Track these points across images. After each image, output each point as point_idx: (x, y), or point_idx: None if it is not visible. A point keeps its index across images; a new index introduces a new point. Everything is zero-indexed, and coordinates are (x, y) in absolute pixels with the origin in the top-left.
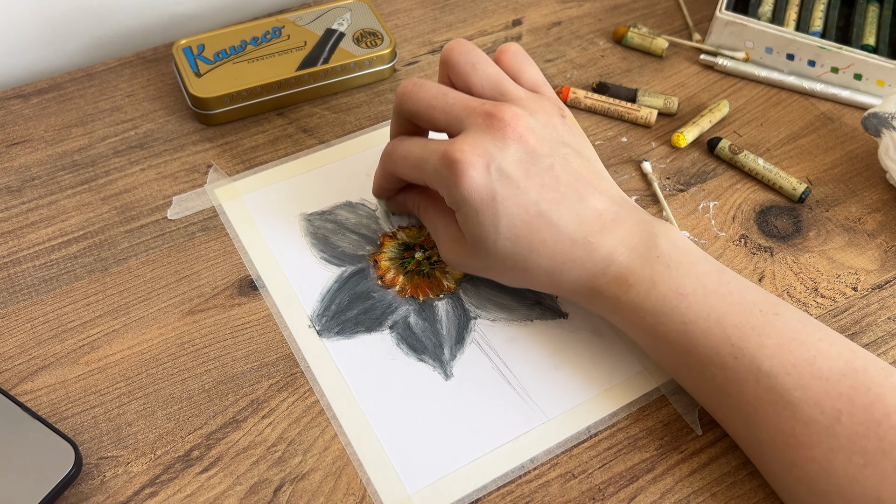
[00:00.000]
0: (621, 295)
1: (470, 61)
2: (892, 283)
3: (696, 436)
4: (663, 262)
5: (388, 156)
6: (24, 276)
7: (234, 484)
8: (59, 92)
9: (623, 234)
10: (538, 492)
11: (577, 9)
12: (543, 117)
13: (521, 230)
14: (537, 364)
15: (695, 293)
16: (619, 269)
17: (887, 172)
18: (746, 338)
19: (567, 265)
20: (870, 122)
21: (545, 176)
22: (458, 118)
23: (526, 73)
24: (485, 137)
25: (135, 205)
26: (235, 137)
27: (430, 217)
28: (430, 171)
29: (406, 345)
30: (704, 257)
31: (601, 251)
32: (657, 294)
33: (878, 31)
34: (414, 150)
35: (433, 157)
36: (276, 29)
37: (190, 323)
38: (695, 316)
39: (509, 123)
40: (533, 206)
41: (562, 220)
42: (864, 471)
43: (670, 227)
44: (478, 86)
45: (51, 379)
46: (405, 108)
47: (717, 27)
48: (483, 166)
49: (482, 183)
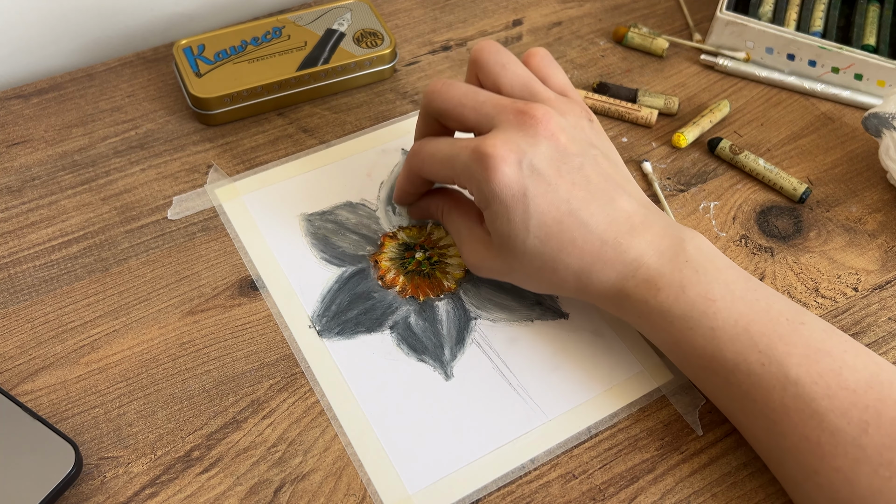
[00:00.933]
0: (650, 299)
1: (500, 61)
2: (892, 284)
3: (697, 436)
4: (692, 267)
5: (414, 155)
6: (24, 276)
7: (235, 484)
8: (59, 92)
9: (651, 238)
10: (538, 492)
11: (577, 9)
12: (573, 118)
13: (551, 228)
14: (538, 364)
15: (723, 299)
16: (648, 272)
17: (888, 173)
18: (773, 346)
19: (597, 266)
20: (870, 123)
21: (576, 175)
22: (488, 116)
23: (554, 78)
24: (517, 134)
25: (135, 205)
26: (236, 137)
27: (454, 220)
28: (459, 168)
29: (406, 345)
30: (731, 264)
31: (631, 253)
32: (686, 299)
33: (878, 31)
34: (443, 147)
35: (464, 153)
36: (277, 29)
37: (190, 323)
38: (723, 322)
39: (541, 121)
40: (564, 205)
41: (592, 219)
42: (889, 483)
43: (697, 233)
44: (507, 86)
45: (51, 379)
46: (434, 106)
47: (717, 27)
48: (515, 162)
49: (514, 179)
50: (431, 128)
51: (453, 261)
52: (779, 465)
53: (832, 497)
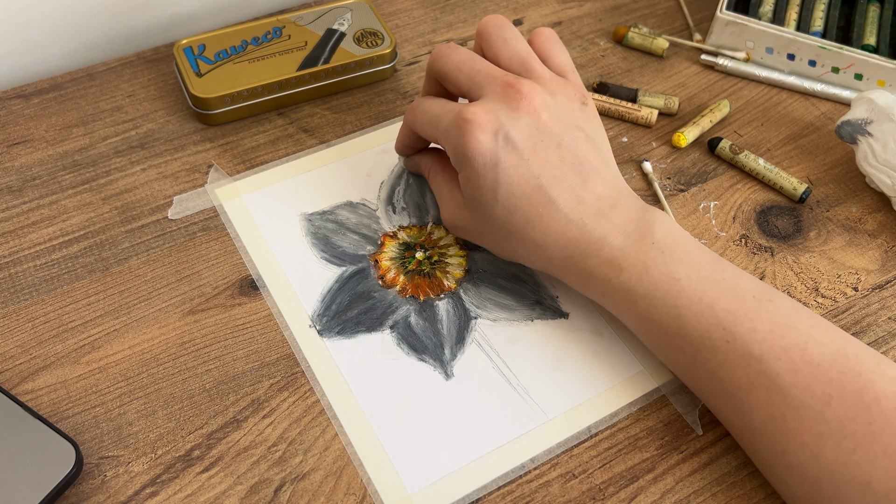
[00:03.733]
0: (613, 278)
1: (503, 36)
2: (892, 283)
3: (697, 436)
4: (658, 249)
5: (411, 111)
6: (24, 275)
7: (235, 484)
8: (59, 92)
9: (619, 220)
10: (538, 492)
11: (577, 9)
12: (562, 99)
13: (518, 200)
14: (538, 364)
15: (688, 278)
16: (611, 252)
17: (866, 177)
18: (738, 322)
19: (560, 243)
20: (844, 131)
21: (551, 153)
22: (479, 84)
23: (555, 57)
24: (499, 105)
25: (136, 205)
26: (236, 137)
27: (438, 180)
28: (442, 129)
29: (406, 345)
30: (699, 247)
31: (595, 233)
32: (650, 278)
33: (878, 31)
34: (434, 107)
35: (448, 116)
36: (277, 29)
37: (191, 323)
38: (687, 300)
39: (525, 96)
40: (533, 180)
41: (560, 198)
42: (853, 455)
43: (667, 216)
44: (505, 59)
45: (52, 378)
46: (436, 67)
47: (717, 27)
48: (491, 131)
49: (487, 147)
50: (434, 88)
51: (453, 260)
52: (752, 448)
53: (801, 475)
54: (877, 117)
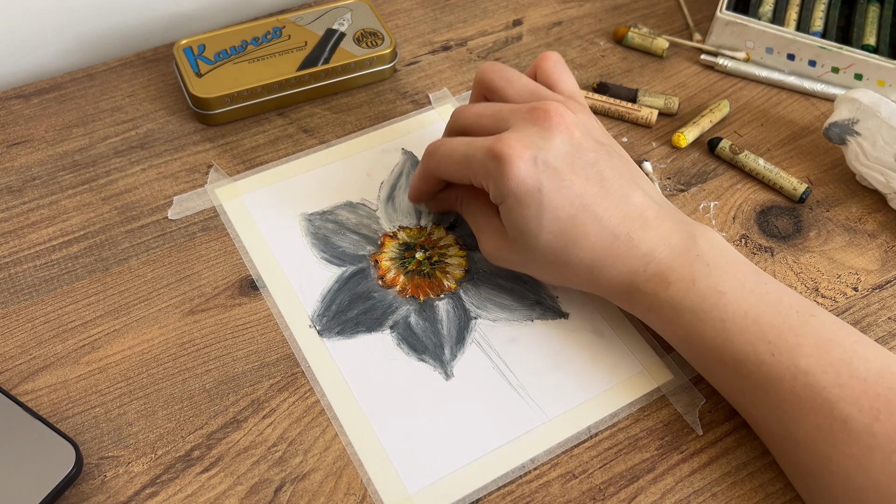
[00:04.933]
0: (660, 292)
1: (505, 77)
2: (892, 283)
3: (697, 436)
4: (702, 261)
5: (430, 156)
6: (24, 275)
7: (235, 484)
8: (59, 92)
9: (664, 233)
10: (539, 492)
11: (577, 9)
12: (584, 117)
13: (564, 223)
14: (538, 364)
15: (733, 291)
16: (658, 267)
17: (857, 175)
18: (783, 336)
19: (608, 261)
20: (832, 132)
21: (590, 170)
22: (504, 119)
23: (562, 83)
24: (531, 129)
25: (135, 205)
26: (236, 137)
27: (473, 211)
28: (476, 167)
29: (406, 345)
30: (742, 259)
31: (642, 248)
32: (696, 292)
33: (878, 31)
34: (458, 148)
35: (479, 153)
36: (277, 29)
37: (190, 323)
38: (733, 314)
39: (554, 115)
40: (578, 199)
41: (605, 214)
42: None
43: (709, 228)
44: (514, 97)
45: (51, 379)
46: (457, 122)
47: (717, 27)
48: (530, 158)
49: (528, 174)
50: None
51: (453, 260)
52: (792, 457)
53: (846, 484)
54: (862, 116)
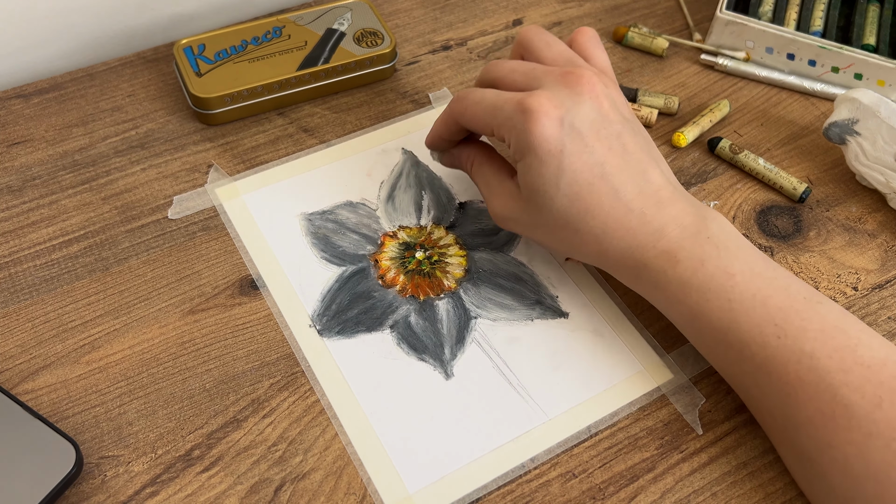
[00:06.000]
0: (668, 269)
1: (545, 40)
2: (892, 283)
3: (697, 435)
4: (713, 244)
5: (458, 101)
6: (24, 275)
7: (235, 483)
8: (59, 92)
9: (676, 212)
10: (538, 491)
11: (577, 9)
12: (614, 92)
13: (581, 189)
14: (538, 364)
15: (742, 274)
16: (669, 244)
17: (857, 175)
18: (790, 320)
19: (619, 233)
20: (832, 132)
21: (613, 141)
22: (536, 78)
23: (597, 57)
24: (562, 91)
25: (136, 204)
26: (236, 137)
27: (485, 172)
28: (502, 118)
29: (406, 344)
30: (752, 246)
31: (654, 224)
32: (705, 272)
33: (878, 30)
34: (488, 96)
35: (508, 105)
36: (277, 29)
37: (191, 322)
38: (740, 295)
39: (587, 82)
40: (597, 168)
41: (622, 186)
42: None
43: (720, 214)
44: (550, 60)
45: (52, 378)
46: (489, 75)
47: (717, 27)
48: (557, 118)
49: (553, 134)
50: None
51: (453, 260)
52: (792, 441)
53: (845, 470)
54: (862, 116)
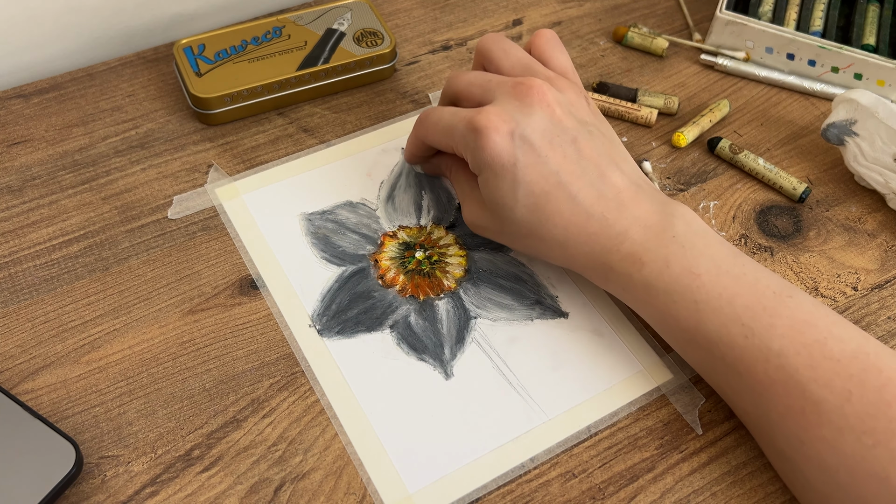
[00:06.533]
0: (634, 273)
1: (502, 48)
2: (892, 283)
3: (697, 435)
4: (678, 243)
5: (420, 123)
6: (24, 275)
7: (235, 483)
8: (59, 92)
9: (640, 213)
10: (538, 491)
11: (577, 9)
12: (571, 95)
13: (538, 199)
14: (537, 364)
15: (708, 273)
16: (632, 247)
17: (855, 175)
18: (757, 318)
19: (581, 238)
20: (830, 133)
21: (568, 148)
22: (490, 91)
23: (556, 59)
24: (512, 104)
25: (135, 204)
26: (236, 137)
27: (460, 179)
28: (457, 137)
29: (406, 344)
30: (720, 240)
31: (616, 227)
32: (670, 273)
33: (878, 30)
34: (445, 117)
35: (461, 124)
36: (277, 29)
37: (190, 322)
38: (706, 295)
39: (537, 91)
40: (553, 177)
41: (580, 193)
42: (873, 451)
43: (688, 209)
44: (508, 68)
45: (51, 378)
46: (450, 89)
47: (717, 27)
48: (507, 132)
49: (504, 148)
50: None
51: (453, 260)
52: (768, 438)
53: (819, 466)
54: (860, 116)
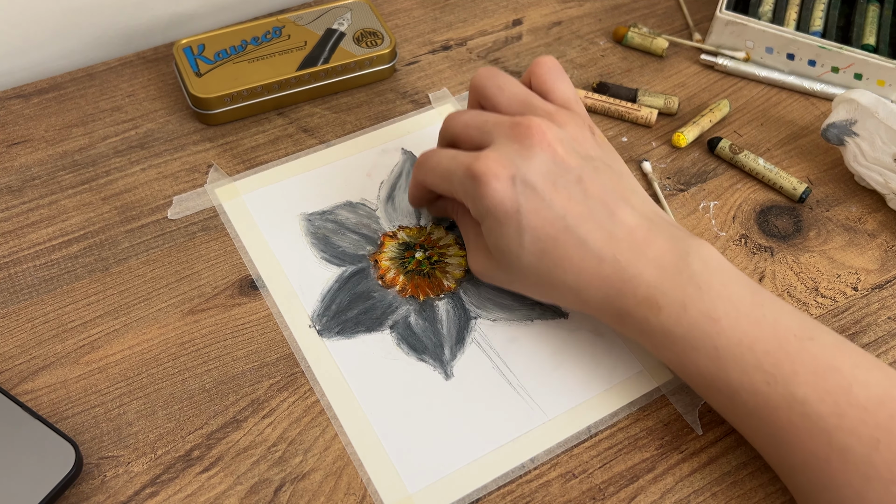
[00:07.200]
0: (651, 318)
1: (497, 84)
2: (892, 283)
3: (697, 435)
4: (695, 283)
5: (419, 166)
6: (24, 275)
7: (235, 484)
8: (59, 92)
9: (653, 254)
10: (538, 491)
11: (577, 9)
12: (573, 129)
13: (546, 244)
14: (537, 364)
15: (727, 317)
16: (648, 290)
17: (855, 176)
18: (779, 364)
19: (594, 283)
20: (830, 133)
21: (573, 188)
22: (488, 133)
23: (557, 91)
24: (511, 148)
25: (135, 204)
26: (236, 137)
27: (465, 225)
28: (456, 183)
29: (406, 345)
30: (738, 277)
31: (630, 270)
32: (688, 318)
33: (878, 30)
34: (443, 161)
35: (459, 170)
36: (277, 29)
37: (190, 323)
38: (727, 341)
39: (536, 132)
40: (559, 221)
41: (589, 236)
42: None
43: (704, 244)
44: (504, 105)
45: (51, 379)
46: (448, 132)
47: (717, 27)
48: (507, 178)
49: (506, 195)
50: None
51: (453, 260)
52: (789, 479)
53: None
54: (860, 117)
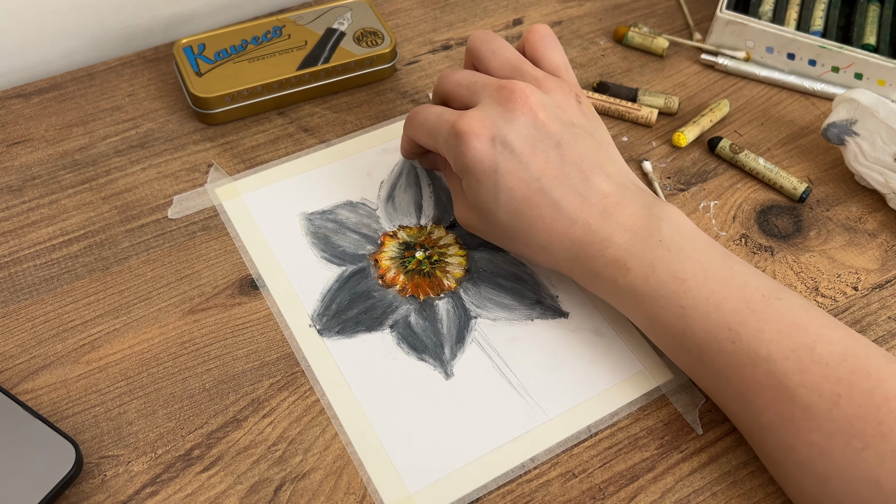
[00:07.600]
0: (619, 278)
1: (490, 48)
2: (892, 283)
3: (697, 435)
4: (664, 247)
5: (409, 122)
6: (24, 275)
7: (235, 483)
8: (59, 91)
9: (625, 218)
10: (538, 491)
11: (577, 8)
12: (558, 96)
13: (520, 205)
14: (538, 363)
15: (695, 277)
16: (617, 252)
17: (856, 175)
18: (745, 322)
19: (565, 244)
20: (831, 133)
21: (550, 153)
22: (476, 93)
23: (548, 57)
24: (495, 109)
25: (135, 204)
26: (236, 137)
27: (451, 177)
28: (441, 140)
29: (406, 344)
30: (709, 242)
31: (600, 233)
32: (656, 278)
33: (878, 30)
34: (430, 118)
35: (444, 127)
36: (277, 28)
37: (191, 322)
38: (693, 300)
39: (520, 96)
40: (534, 183)
41: (563, 199)
42: (862, 454)
43: (676, 211)
44: (496, 68)
45: (51, 378)
46: (440, 89)
47: (717, 27)
48: (488, 138)
49: (485, 154)
50: None
51: (453, 260)
52: (759, 444)
53: (810, 472)
54: (861, 116)
